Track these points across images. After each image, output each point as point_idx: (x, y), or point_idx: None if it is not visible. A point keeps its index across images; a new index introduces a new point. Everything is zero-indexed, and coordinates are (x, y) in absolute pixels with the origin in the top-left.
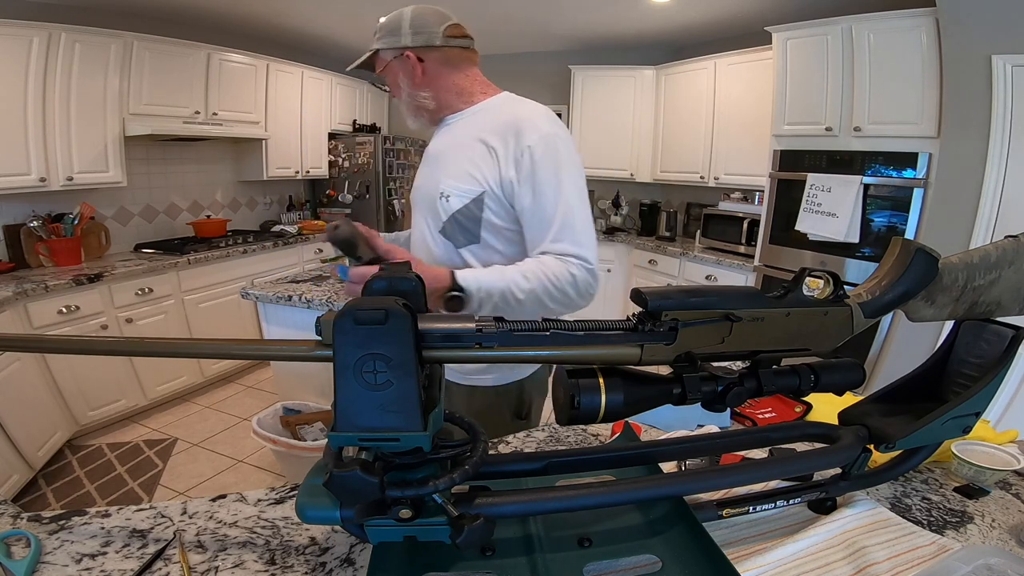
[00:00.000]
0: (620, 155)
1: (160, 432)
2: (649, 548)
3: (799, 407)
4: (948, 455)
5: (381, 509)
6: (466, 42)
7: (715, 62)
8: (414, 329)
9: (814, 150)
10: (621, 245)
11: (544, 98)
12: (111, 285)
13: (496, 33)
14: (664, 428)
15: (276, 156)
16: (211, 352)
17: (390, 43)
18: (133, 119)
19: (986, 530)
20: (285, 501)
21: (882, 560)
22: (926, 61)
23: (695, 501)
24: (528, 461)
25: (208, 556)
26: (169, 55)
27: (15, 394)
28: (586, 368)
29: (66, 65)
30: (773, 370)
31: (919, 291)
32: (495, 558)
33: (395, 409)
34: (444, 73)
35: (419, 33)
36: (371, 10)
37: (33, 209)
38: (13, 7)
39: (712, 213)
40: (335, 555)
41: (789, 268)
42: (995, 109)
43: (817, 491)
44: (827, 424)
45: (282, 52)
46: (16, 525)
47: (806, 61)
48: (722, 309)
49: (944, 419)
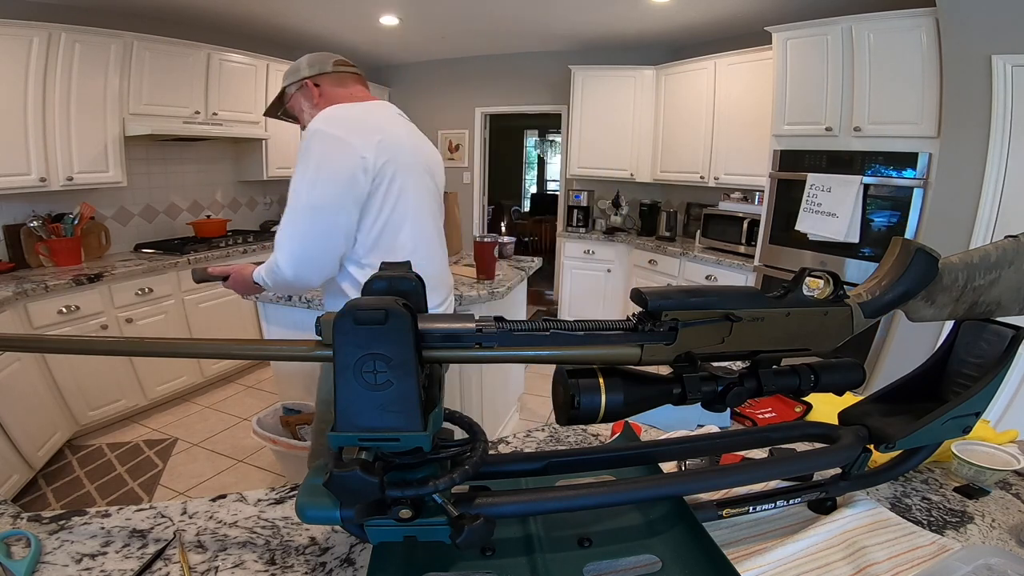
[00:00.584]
0: (620, 155)
1: (160, 432)
2: (649, 548)
3: (799, 407)
4: (948, 455)
5: (381, 509)
6: (350, 69)
7: (715, 62)
8: (414, 329)
9: (814, 150)
10: (621, 245)
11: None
12: (111, 285)
13: (496, 33)
14: (664, 428)
15: (276, 156)
16: (211, 352)
17: (293, 79)
18: (133, 119)
19: (986, 530)
20: (285, 501)
21: (882, 560)
22: (926, 61)
23: (695, 501)
24: (528, 461)
25: (208, 556)
26: (169, 55)
27: (15, 394)
28: (586, 368)
29: (66, 65)
30: (773, 370)
31: (919, 291)
32: (495, 558)
33: (395, 409)
34: (335, 92)
35: (313, 65)
36: (371, 10)
37: (33, 209)
38: (13, 7)
39: (712, 213)
40: (335, 555)
41: (789, 268)
42: (995, 109)
43: (817, 491)
44: (827, 424)
45: (282, 52)
46: (16, 525)
47: (806, 61)
48: (722, 309)
49: (944, 419)
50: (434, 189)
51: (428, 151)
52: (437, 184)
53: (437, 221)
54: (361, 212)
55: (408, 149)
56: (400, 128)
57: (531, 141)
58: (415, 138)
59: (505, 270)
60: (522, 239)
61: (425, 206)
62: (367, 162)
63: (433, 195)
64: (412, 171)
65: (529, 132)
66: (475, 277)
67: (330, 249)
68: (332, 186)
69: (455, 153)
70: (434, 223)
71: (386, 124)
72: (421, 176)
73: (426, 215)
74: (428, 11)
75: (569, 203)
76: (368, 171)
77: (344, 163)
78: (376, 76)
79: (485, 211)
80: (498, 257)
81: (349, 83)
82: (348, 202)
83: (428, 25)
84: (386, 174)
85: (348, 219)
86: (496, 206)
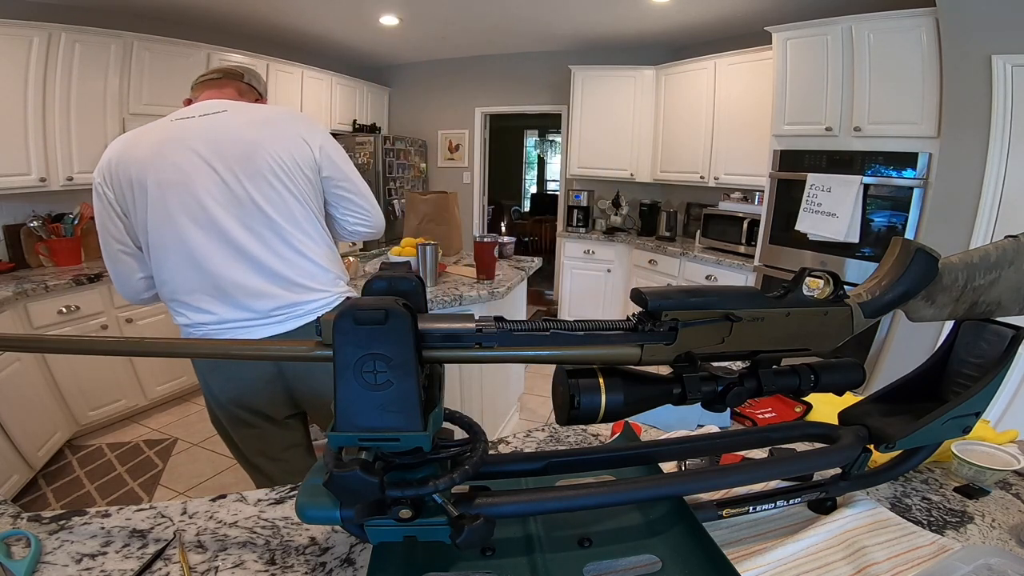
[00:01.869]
0: (620, 155)
1: (160, 432)
2: (649, 548)
3: (799, 407)
4: (948, 455)
5: (381, 509)
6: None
7: (715, 62)
8: (414, 329)
9: (814, 150)
10: (621, 245)
11: (544, 98)
12: (111, 285)
13: (496, 33)
14: (664, 428)
15: None
16: (211, 352)
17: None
18: (133, 119)
19: (986, 530)
20: (285, 501)
21: (882, 560)
22: (926, 61)
23: (695, 501)
24: (528, 461)
25: (208, 556)
26: (169, 55)
27: (15, 394)
28: (586, 368)
29: (66, 65)
30: (773, 370)
31: (919, 291)
32: (495, 558)
33: (395, 409)
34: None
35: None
36: (371, 10)
37: (33, 209)
38: (13, 7)
39: (712, 213)
40: (335, 555)
41: (789, 268)
42: (995, 109)
43: (817, 491)
44: (827, 424)
45: (282, 52)
46: (16, 525)
47: (806, 61)
48: (722, 309)
49: (944, 419)
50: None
51: (232, 140)
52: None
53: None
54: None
55: (146, 160)
56: (155, 137)
57: (531, 141)
58: (191, 139)
59: (505, 270)
60: (522, 239)
61: (185, 221)
62: (103, 188)
63: (226, 196)
64: (148, 185)
65: (529, 132)
66: (475, 277)
67: (123, 274)
68: (98, 218)
69: (455, 153)
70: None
71: (139, 139)
72: (182, 184)
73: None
74: (428, 11)
75: (569, 203)
76: (107, 197)
77: (95, 194)
78: (376, 76)
79: (485, 211)
80: (498, 257)
81: (199, 91)
82: (113, 229)
83: (428, 25)
84: (124, 195)
85: (122, 247)
86: (496, 206)
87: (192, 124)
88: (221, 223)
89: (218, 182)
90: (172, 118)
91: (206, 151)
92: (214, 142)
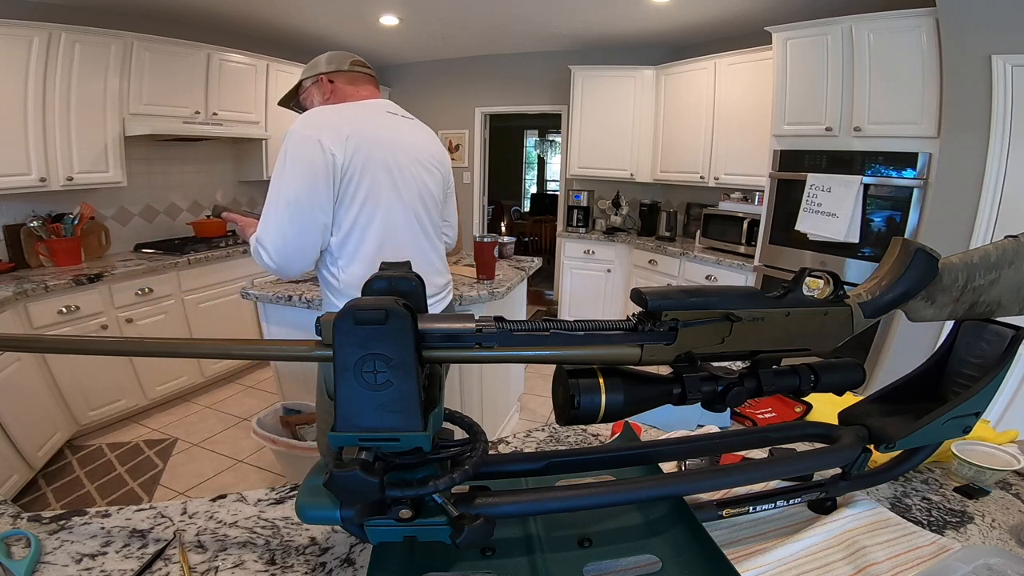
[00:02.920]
0: (620, 155)
1: (160, 432)
2: (649, 548)
3: (799, 407)
4: (948, 455)
5: (381, 509)
6: (365, 70)
7: (715, 62)
8: (414, 329)
9: (814, 150)
10: (621, 245)
11: (544, 98)
12: (111, 285)
13: (496, 33)
14: (664, 428)
15: (276, 156)
16: (211, 352)
17: (311, 73)
18: (133, 119)
19: (986, 530)
20: (285, 501)
21: (882, 560)
22: (926, 61)
23: (695, 501)
24: (528, 461)
25: (208, 556)
26: (169, 55)
27: (15, 394)
28: (586, 368)
29: (66, 65)
30: (773, 370)
31: (919, 291)
32: (495, 558)
33: (395, 409)
34: (346, 90)
35: (331, 63)
36: (371, 10)
37: (33, 209)
38: (13, 7)
39: (712, 213)
40: (335, 555)
41: (789, 268)
42: (995, 109)
43: (817, 491)
44: (827, 424)
45: (282, 52)
46: (16, 525)
47: (806, 61)
48: (722, 309)
49: (944, 419)
50: (426, 184)
51: (423, 145)
52: (433, 178)
53: (426, 216)
54: (335, 208)
55: (386, 144)
56: (382, 124)
57: (531, 141)
58: (403, 133)
59: (505, 270)
60: (522, 239)
61: (405, 202)
62: (336, 159)
63: (423, 189)
64: (389, 166)
65: (529, 132)
66: (475, 277)
67: (308, 244)
68: (304, 182)
69: (455, 153)
70: (418, 218)
71: (364, 121)
72: (404, 171)
73: (403, 211)
74: (428, 11)
75: (569, 203)
76: (337, 168)
77: (314, 161)
78: (376, 76)
79: (485, 211)
80: (498, 257)
81: (361, 83)
82: (321, 198)
83: (428, 25)
84: (355, 171)
85: (323, 214)
86: (496, 206)
87: (403, 124)
88: (419, 213)
89: (420, 179)
90: (383, 109)
91: (413, 150)
92: (413, 144)
